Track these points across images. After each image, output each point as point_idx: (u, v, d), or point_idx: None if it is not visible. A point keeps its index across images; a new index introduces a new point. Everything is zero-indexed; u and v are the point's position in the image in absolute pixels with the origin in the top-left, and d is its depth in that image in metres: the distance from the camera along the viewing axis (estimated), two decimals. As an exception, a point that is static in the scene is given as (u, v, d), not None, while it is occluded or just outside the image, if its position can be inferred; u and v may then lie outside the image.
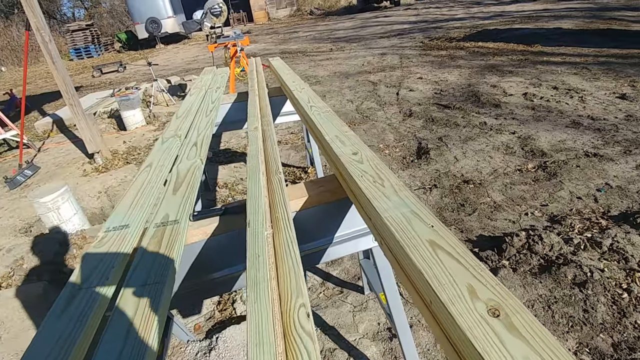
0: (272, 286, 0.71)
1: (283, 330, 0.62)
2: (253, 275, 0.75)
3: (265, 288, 0.70)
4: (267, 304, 0.67)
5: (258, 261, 0.78)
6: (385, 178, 0.99)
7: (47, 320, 0.84)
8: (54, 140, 5.43)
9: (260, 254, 0.81)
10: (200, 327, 2.02)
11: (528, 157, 3.15)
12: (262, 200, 1.03)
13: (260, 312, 0.65)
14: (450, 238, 0.72)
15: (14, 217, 3.38)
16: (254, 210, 0.98)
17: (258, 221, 0.93)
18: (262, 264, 0.77)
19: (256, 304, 0.67)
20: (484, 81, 5.37)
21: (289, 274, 0.73)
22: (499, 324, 0.54)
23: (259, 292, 0.70)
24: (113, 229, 1.13)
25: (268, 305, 0.66)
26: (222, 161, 3.91)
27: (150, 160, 1.56)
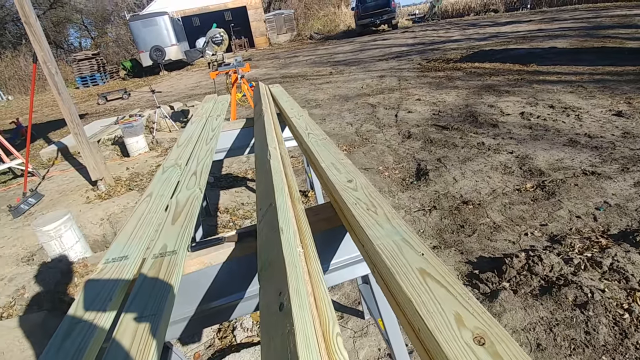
0: (310, 301, 0.70)
1: (326, 349, 0.61)
2: (295, 284, 0.73)
3: (306, 300, 0.69)
4: (309, 315, 0.65)
5: (296, 271, 0.77)
6: (379, 206, 1.01)
7: (45, 356, 0.85)
8: (58, 168, 5.51)
9: (297, 264, 0.80)
10: (200, 355, 2.00)
11: (526, 177, 3.17)
12: (290, 214, 1.03)
13: (306, 321, 0.64)
14: (439, 266, 0.74)
15: (16, 245, 3.40)
16: (286, 221, 0.96)
17: (290, 233, 0.92)
18: (301, 277, 0.76)
19: (301, 310, 0.66)
20: (481, 101, 5.45)
21: (323, 300, 0.73)
22: (484, 352, 0.55)
23: (302, 301, 0.69)
24: (112, 260, 1.15)
25: (310, 317, 0.65)
26: (224, 186, 3.95)
27: (151, 190, 1.59)
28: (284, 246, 0.86)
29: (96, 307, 0.96)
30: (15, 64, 22.26)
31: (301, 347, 0.59)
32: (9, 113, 13.86)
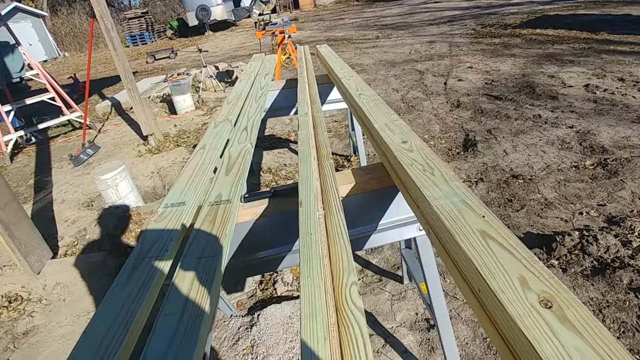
0: (324, 263, 0.74)
1: (335, 305, 0.65)
2: (306, 252, 0.78)
3: (318, 265, 0.74)
4: (319, 279, 0.70)
5: (310, 239, 0.82)
6: (435, 167, 0.98)
7: (114, 287, 0.92)
8: (112, 122, 5.80)
9: (312, 232, 0.84)
10: (243, 304, 2.12)
11: (586, 154, 2.96)
12: (314, 183, 1.06)
13: (313, 287, 0.69)
14: (502, 229, 0.72)
15: (77, 192, 3.68)
16: (306, 192, 1.01)
17: (310, 202, 0.96)
18: (315, 243, 0.80)
19: (309, 279, 0.71)
20: (540, 71, 5.07)
21: (340, 254, 0.76)
22: (551, 315, 0.53)
23: (312, 269, 0.73)
24: (171, 205, 1.21)
25: (320, 281, 0.70)
26: (267, 147, 4.01)
27: (204, 143, 1.64)
28: (301, 220, 0.91)
29: (159, 247, 1.02)
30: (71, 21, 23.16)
31: (304, 311, 0.63)
32: (66, 69, 14.61)
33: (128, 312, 0.82)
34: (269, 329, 1.84)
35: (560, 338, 0.50)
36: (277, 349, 1.75)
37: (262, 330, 1.84)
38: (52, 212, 3.32)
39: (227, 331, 1.91)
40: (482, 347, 1.64)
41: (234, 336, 1.87)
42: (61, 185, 3.85)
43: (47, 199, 3.62)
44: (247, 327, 1.89)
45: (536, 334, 0.51)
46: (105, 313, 0.83)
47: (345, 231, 0.85)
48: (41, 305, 2.35)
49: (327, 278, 0.72)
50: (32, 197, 3.74)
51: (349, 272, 0.71)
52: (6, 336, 2.20)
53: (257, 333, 1.84)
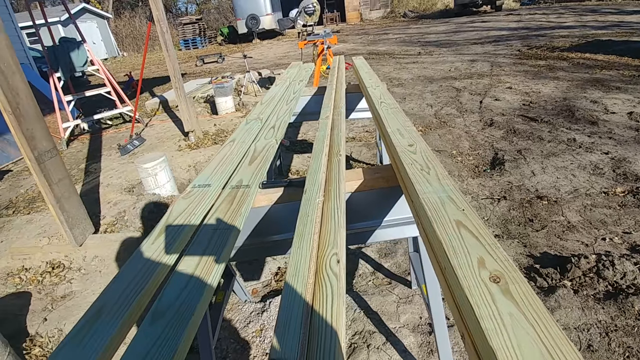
0: (314, 238, 0.86)
1: (315, 270, 0.76)
2: (301, 229, 0.90)
3: (309, 240, 0.85)
4: (307, 250, 0.81)
5: (307, 220, 0.93)
6: (432, 167, 1.07)
7: (143, 245, 1.07)
8: (158, 118, 6.21)
9: (309, 214, 0.96)
10: (257, 291, 2.25)
11: (619, 180, 2.88)
12: (320, 175, 1.18)
13: (301, 255, 0.80)
14: (476, 221, 0.80)
15: (121, 178, 3.99)
16: (312, 183, 1.13)
17: (313, 191, 1.08)
18: (309, 222, 0.92)
19: (299, 249, 0.82)
20: (583, 96, 4.93)
21: (329, 231, 0.87)
22: (496, 287, 0.62)
23: (303, 242, 0.85)
24: (198, 186, 1.36)
25: (307, 251, 0.81)
26: (298, 150, 4.17)
27: (234, 137, 1.81)
28: (302, 204, 1.04)
29: (182, 218, 1.17)
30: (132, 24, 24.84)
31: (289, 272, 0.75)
32: (123, 67, 15.69)
33: (152, 264, 0.97)
34: (278, 316, 1.96)
35: (498, 305, 0.58)
36: (284, 335, 1.85)
37: (272, 317, 1.96)
38: (98, 194, 3.63)
39: (240, 314, 2.05)
40: (481, 356, 1.67)
41: (245, 319, 2.00)
42: (108, 171, 4.19)
43: (95, 182, 3.96)
44: (259, 312, 2.02)
45: (478, 300, 0.59)
46: (134, 263, 0.99)
47: (342, 214, 0.95)
48: (80, 273, 2.60)
49: (314, 250, 0.83)
50: (82, 180, 4.10)
51: (332, 246, 0.82)
52: (46, 298, 2.45)
53: (267, 318, 1.96)
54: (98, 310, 0.83)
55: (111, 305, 0.85)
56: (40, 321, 2.20)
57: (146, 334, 0.76)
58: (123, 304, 0.85)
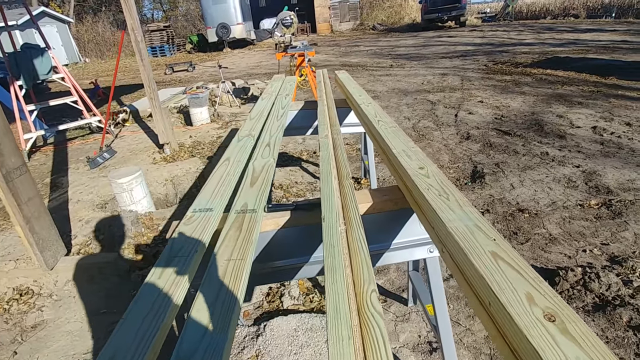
0: (346, 273, 0.82)
1: (357, 309, 0.72)
2: (330, 262, 0.86)
3: (341, 274, 0.81)
4: (342, 286, 0.78)
5: (334, 251, 0.89)
6: (450, 193, 1.06)
7: (147, 281, 1.00)
8: (129, 129, 5.96)
9: (335, 245, 0.92)
10: (249, 314, 2.17)
11: (592, 193, 3.03)
12: (335, 200, 1.14)
13: (337, 293, 0.76)
14: (511, 251, 0.79)
15: (92, 193, 3.78)
16: (329, 208, 1.10)
17: (332, 217, 1.05)
18: (338, 254, 0.88)
19: (333, 285, 0.78)
20: (549, 110, 5.19)
21: (361, 264, 0.84)
22: (554, 327, 0.60)
23: (336, 277, 0.81)
24: (199, 210, 1.29)
25: (343, 288, 0.77)
26: (279, 164, 4.11)
27: (228, 156, 1.74)
28: (324, 233, 1.00)
29: (189, 247, 1.10)
30: (94, 29, 23.91)
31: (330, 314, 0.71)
32: (86, 74, 15.04)
33: (163, 302, 0.89)
34: (274, 340, 1.89)
35: (562, 347, 0.57)
36: (281, 360, 1.79)
37: (268, 341, 1.89)
38: (67, 211, 3.41)
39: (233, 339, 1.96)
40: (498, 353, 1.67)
41: (239, 345, 1.92)
42: (77, 186, 3.96)
43: (63, 198, 3.72)
44: (253, 336, 1.94)
45: (541, 342, 0.58)
46: (141, 303, 0.90)
47: (365, 245, 0.92)
48: (51, 300, 2.41)
49: (350, 286, 0.79)
50: (48, 195, 3.84)
51: (369, 282, 0.79)
52: (15, 328, 2.25)
53: (262, 343, 1.89)
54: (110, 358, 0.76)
55: (124, 353, 0.77)
56: (10, 355, 2.01)
57: (170, 385, 0.69)
58: (138, 349, 0.78)
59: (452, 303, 2.06)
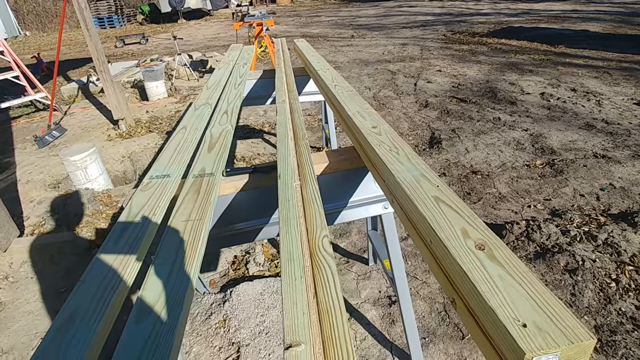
0: (300, 222, 0.86)
1: (310, 252, 0.77)
2: (285, 215, 0.89)
3: (295, 223, 0.85)
4: (296, 234, 0.82)
5: (289, 204, 0.93)
6: (400, 148, 1.12)
7: (105, 245, 0.99)
8: (79, 106, 5.63)
9: (290, 199, 0.95)
10: (216, 282, 2.20)
11: (537, 154, 3.24)
12: (291, 159, 1.17)
13: (291, 240, 0.80)
14: (452, 195, 0.86)
15: (43, 173, 3.59)
16: (284, 167, 1.13)
17: (288, 175, 1.08)
18: (292, 207, 0.92)
19: (287, 234, 0.82)
20: (502, 78, 5.40)
21: (314, 214, 0.88)
22: (483, 254, 0.68)
23: (290, 226, 0.85)
24: (156, 177, 1.28)
25: (297, 234, 0.81)
26: (240, 136, 4.06)
27: (185, 124, 1.71)
28: (280, 189, 1.04)
29: (146, 211, 1.10)
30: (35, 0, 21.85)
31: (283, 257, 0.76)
32: (27, 48, 13.84)
33: (122, 264, 0.90)
34: (241, 305, 1.94)
35: (487, 269, 0.64)
36: (249, 322, 1.85)
37: (235, 306, 1.93)
38: (17, 193, 3.24)
39: (200, 307, 1.99)
40: (437, 320, 1.81)
41: (206, 312, 1.95)
42: (25, 166, 3.74)
43: (11, 179, 3.51)
44: (220, 303, 1.98)
45: (470, 266, 0.65)
46: (99, 265, 0.91)
47: (319, 198, 0.97)
48: (7, 282, 2.32)
49: (303, 233, 0.83)
50: (-7, 177, 3.61)
51: (321, 228, 0.83)
52: (-31, 313, 2.16)
53: (229, 308, 1.93)
54: (71, 315, 0.77)
55: (85, 309, 0.78)
56: (-34, 339, 1.94)
57: (133, 333, 0.72)
58: (98, 306, 0.79)
59: (409, 260, 2.18)
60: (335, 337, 0.57)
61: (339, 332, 0.58)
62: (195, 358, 1.72)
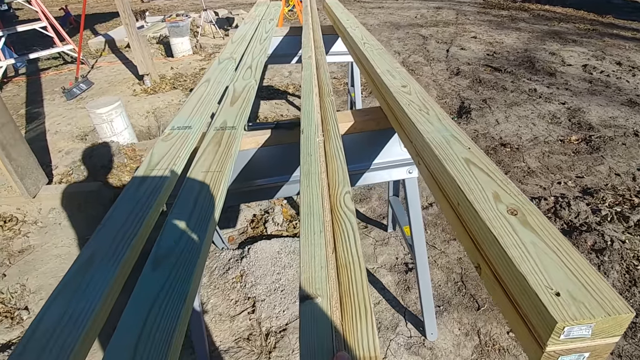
0: (322, 177, 0.83)
1: (331, 207, 0.74)
2: (306, 169, 0.86)
3: (316, 178, 0.82)
4: (317, 188, 0.79)
5: (310, 159, 0.90)
6: (430, 108, 1.06)
7: (126, 192, 0.99)
8: (106, 59, 5.65)
9: (312, 153, 0.92)
10: (234, 239, 2.23)
11: (573, 129, 3.06)
12: (315, 115, 1.13)
13: (311, 194, 0.77)
14: (484, 158, 0.81)
15: (71, 124, 3.67)
16: (308, 123, 1.09)
17: (311, 130, 1.04)
18: (314, 162, 0.89)
19: (308, 188, 0.79)
20: (543, 47, 5.07)
21: (337, 170, 0.85)
22: (515, 219, 0.63)
23: (311, 180, 0.82)
24: (177, 128, 1.26)
25: (318, 189, 0.79)
26: (264, 97, 4.01)
27: (208, 77, 1.68)
28: (302, 144, 1.00)
29: (166, 161, 1.09)
30: (62, -51, 21.63)
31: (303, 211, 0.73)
32: (55, 1, 13.87)
33: (141, 210, 0.90)
34: (258, 262, 1.97)
35: (519, 234, 0.60)
36: (265, 279, 1.88)
37: (252, 262, 1.97)
38: (46, 142, 3.33)
39: (218, 262, 2.04)
40: (453, 290, 1.80)
41: (224, 266, 2.00)
42: (53, 117, 3.83)
43: (40, 129, 3.61)
44: (238, 259, 2.01)
45: (501, 231, 0.60)
46: (120, 210, 0.91)
47: (342, 154, 0.93)
48: (36, 227, 2.43)
49: (325, 189, 0.81)
50: (24, 127, 3.72)
51: (344, 184, 0.80)
52: (2, 253, 2.29)
53: (246, 264, 1.97)
54: (90, 257, 0.77)
55: (104, 251, 0.79)
56: (-1, 276, 2.07)
57: (149, 280, 0.72)
58: (117, 249, 0.80)
59: (429, 229, 2.15)
60: (353, 292, 0.55)
61: (358, 288, 0.56)
62: (212, 309, 1.77)
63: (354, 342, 0.48)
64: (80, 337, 0.64)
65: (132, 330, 0.62)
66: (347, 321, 0.51)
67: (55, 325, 0.65)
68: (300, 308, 0.54)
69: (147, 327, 0.63)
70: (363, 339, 0.48)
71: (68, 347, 0.61)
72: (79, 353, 0.63)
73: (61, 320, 0.66)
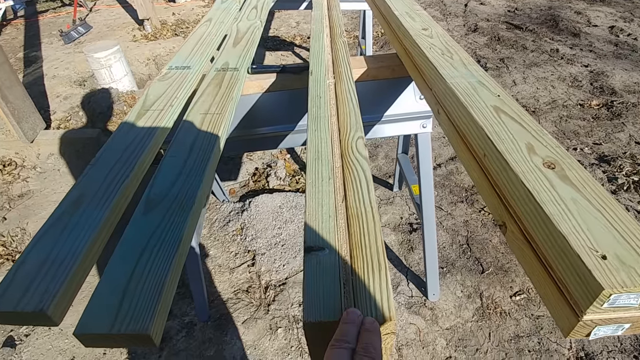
0: (332, 121, 0.74)
1: (341, 153, 0.66)
2: (314, 112, 0.78)
3: (326, 122, 0.74)
4: (326, 132, 0.71)
5: (319, 101, 0.81)
6: (455, 52, 0.95)
7: (118, 131, 0.91)
8: (104, 2, 5.37)
9: (321, 95, 0.83)
10: (235, 192, 2.18)
11: (595, 93, 2.91)
12: (325, 56, 1.02)
13: (320, 138, 0.69)
14: (515, 107, 0.72)
15: (69, 69, 3.52)
16: (317, 63, 0.99)
17: (321, 71, 0.94)
18: (324, 104, 0.80)
19: (316, 132, 0.71)
20: (568, 5, 4.75)
21: (349, 113, 0.76)
22: (552, 173, 0.55)
23: (319, 124, 0.74)
24: (176, 68, 1.16)
25: (327, 134, 0.70)
26: (270, 47, 3.82)
27: (210, 16, 1.55)
28: (311, 85, 0.90)
29: (162, 102, 1.00)
30: None
31: (310, 156, 0.66)
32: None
33: (134, 151, 0.83)
34: (259, 215, 1.92)
35: (558, 190, 0.52)
36: (265, 233, 1.84)
37: (252, 216, 1.93)
38: (44, 87, 3.21)
39: (218, 214, 2.00)
40: (458, 252, 1.76)
41: (224, 218, 1.96)
42: (51, 61, 3.68)
43: (37, 73, 3.48)
44: (238, 211, 1.97)
45: (537, 186, 0.53)
46: (111, 150, 0.84)
47: (355, 97, 0.84)
48: (35, 172, 2.38)
49: (335, 133, 0.72)
50: (22, 70, 3.58)
51: (356, 129, 0.72)
52: (2, 196, 2.26)
53: (247, 217, 1.93)
54: (78, 197, 0.71)
55: (94, 192, 0.72)
56: (-1, 220, 2.05)
57: (140, 225, 0.66)
58: (107, 190, 0.73)
59: (436, 190, 2.08)
60: (366, 245, 0.49)
61: (371, 240, 0.49)
62: (211, 260, 1.75)
63: (365, 300, 0.43)
64: (65, 282, 0.58)
65: (120, 278, 0.57)
66: (358, 276, 0.45)
67: (38, 268, 0.60)
68: (305, 260, 0.47)
69: (136, 274, 0.57)
70: (376, 297, 0.42)
71: (50, 292, 0.56)
72: (63, 298, 0.57)
73: (44, 263, 0.60)
